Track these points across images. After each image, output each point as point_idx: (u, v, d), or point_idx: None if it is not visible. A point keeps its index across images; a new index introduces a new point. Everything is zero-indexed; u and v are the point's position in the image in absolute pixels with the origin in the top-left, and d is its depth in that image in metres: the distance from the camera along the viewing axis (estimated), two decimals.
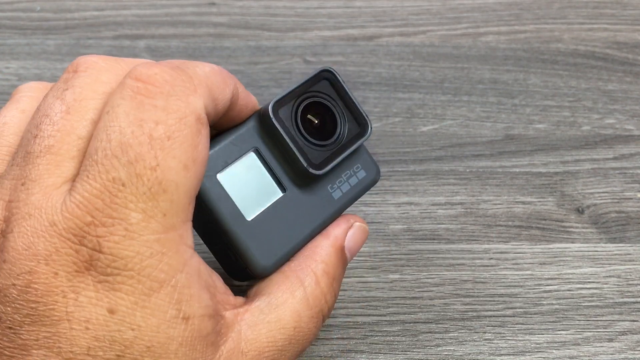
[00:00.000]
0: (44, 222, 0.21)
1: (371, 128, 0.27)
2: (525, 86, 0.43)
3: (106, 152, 0.21)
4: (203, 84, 0.22)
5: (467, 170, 0.38)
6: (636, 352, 0.31)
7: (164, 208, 0.21)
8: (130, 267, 0.20)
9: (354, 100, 0.27)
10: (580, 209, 0.36)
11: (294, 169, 0.26)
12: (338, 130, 0.27)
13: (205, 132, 0.22)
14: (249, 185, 0.25)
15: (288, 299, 0.25)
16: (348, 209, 0.28)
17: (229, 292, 0.24)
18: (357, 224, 0.27)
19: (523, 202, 0.37)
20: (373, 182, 0.28)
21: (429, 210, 0.36)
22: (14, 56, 0.43)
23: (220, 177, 0.25)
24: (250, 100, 0.26)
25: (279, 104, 0.25)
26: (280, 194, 0.26)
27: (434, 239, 0.35)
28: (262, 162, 0.26)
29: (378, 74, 0.43)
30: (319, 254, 0.26)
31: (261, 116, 0.25)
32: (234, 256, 0.25)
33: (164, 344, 0.21)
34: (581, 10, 0.48)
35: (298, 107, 0.26)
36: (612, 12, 0.48)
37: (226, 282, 0.24)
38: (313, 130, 0.26)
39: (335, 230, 0.27)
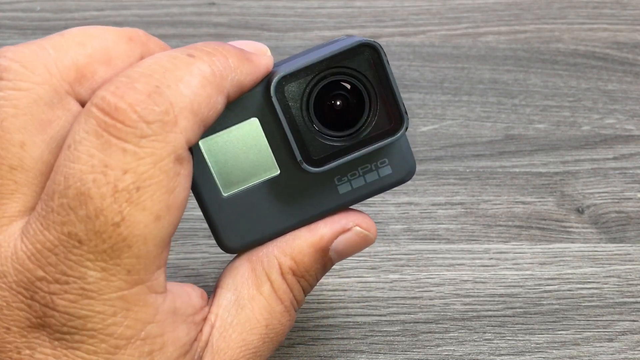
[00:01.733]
0: None
1: (406, 128, 0.22)
2: (525, 86, 0.43)
3: (62, 201, 0.18)
4: (186, 110, 0.19)
5: (467, 170, 0.38)
6: (636, 352, 0.31)
7: (128, 264, 0.18)
8: (90, 327, 0.18)
9: (395, 90, 0.21)
10: (580, 209, 0.36)
11: (293, 153, 0.22)
12: (363, 121, 0.22)
13: (185, 172, 0.19)
14: (238, 158, 0.22)
15: (255, 296, 0.22)
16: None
17: (202, 300, 0.22)
18: (358, 229, 0.23)
19: (523, 202, 0.37)
20: (399, 183, 0.23)
21: (429, 210, 0.36)
22: None
23: (202, 143, 0.22)
24: (258, 72, 0.22)
25: (289, 77, 0.21)
26: (270, 175, 0.22)
27: (433, 239, 0.35)
28: (258, 136, 0.22)
29: None
30: (292, 249, 0.23)
31: (266, 85, 0.22)
32: (209, 224, 0.23)
33: None
34: (581, 10, 0.48)
35: (317, 84, 0.21)
36: (612, 12, 0.48)
37: None
38: (330, 114, 0.22)
39: (324, 229, 0.23)
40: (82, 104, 0.20)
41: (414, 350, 0.31)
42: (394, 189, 0.26)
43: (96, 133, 0.18)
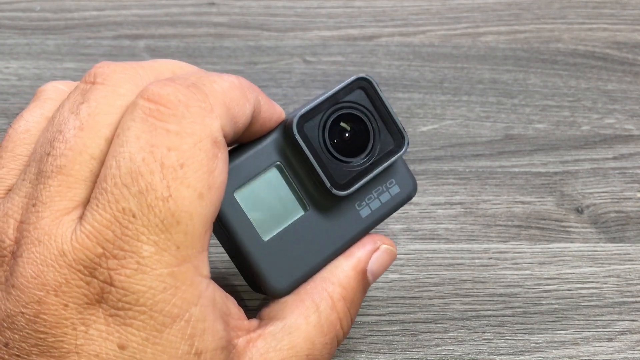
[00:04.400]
0: (54, 250, 0.20)
1: (407, 144, 0.25)
2: (525, 86, 0.43)
3: (116, 181, 0.20)
4: (220, 102, 0.21)
5: (467, 170, 0.38)
6: (635, 352, 0.31)
7: (177, 240, 0.20)
8: (142, 302, 0.20)
9: (391, 113, 0.24)
10: (579, 208, 0.36)
11: (317, 187, 0.24)
12: (370, 145, 0.24)
13: (222, 156, 0.21)
14: (269, 203, 0.24)
15: (302, 325, 0.23)
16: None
17: (243, 315, 0.23)
18: (384, 246, 0.25)
19: (522, 202, 0.37)
20: (407, 199, 0.26)
21: (428, 210, 0.36)
22: (13, 56, 0.43)
23: (237, 194, 0.24)
24: (274, 112, 0.24)
25: (305, 117, 0.23)
26: (301, 213, 0.24)
27: (433, 239, 0.35)
28: (284, 179, 0.24)
29: (378, 74, 0.43)
30: (338, 277, 0.24)
31: (285, 129, 0.24)
32: (252, 274, 0.24)
33: None
34: (581, 10, 0.48)
35: (327, 119, 0.24)
36: (612, 12, 0.48)
37: (240, 302, 0.24)
38: (343, 144, 0.24)
39: (359, 252, 0.25)
40: None
41: (414, 350, 0.31)
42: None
43: (142, 119, 0.20)
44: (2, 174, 0.23)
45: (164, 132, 0.20)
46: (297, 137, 0.23)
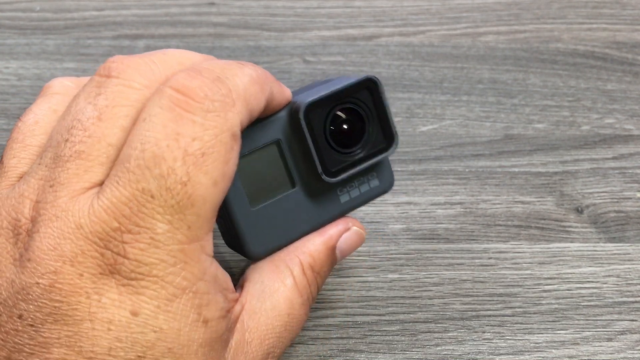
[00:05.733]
0: (71, 224, 0.21)
1: (396, 145, 0.27)
2: (525, 86, 0.43)
3: (139, 162, 0.21)
4: (241, 98, 0.23)
5: (467, 170, 0.38)
6: (635, 352, 0.31)
7: (189, 221, 0.21)
8: (154, 273, 0.21)
9: (389, 115, 0.26)
10: (579, 208, 0.36)
11: (308, 169, 0.26)
12: (364, 140, 0.26)
13: (236, 148, 0.22)
14: (262, 175, 0.26)
15: (280, 287, 0.26)
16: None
17: (234, 289, 0.25)
18: (355, 228, 0.28)
19: (522, 202, 0.37)
20: (383, 192, 0.28)
21: (428, 210, 0.36)
22: (13, 56, 0.43)
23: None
24: (283, 97, 0.26)
25: (313, 105, 0.25)
26: (289, 190, 0.26)
27: (433, 239, 0.35)
28: (280, 156, 0.26)
29: (377, 73, 0.43)
30: (309, 248, 0.27)
31: (292, 111, 0.25)
32: (233, 234, 0.26)
33: (185, 346, 0.21)
34: (580, 10, 0.48)
35: (331, 111, 0.26)
36: (612, 12, 0.48)
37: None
38: (340, 135, 0.26)
39: (331, 230, 0.27)
40: None
41: (413, 349, 0.31)
42: (393, 189, 0.30)
43: (169, 107, 0.21)
44: (14, 163, 0.24)
45: (189, 122, 0.21)
46: (303, 122, 0.25)
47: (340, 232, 0.27)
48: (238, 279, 0.27)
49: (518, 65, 0.44)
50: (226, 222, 0.26)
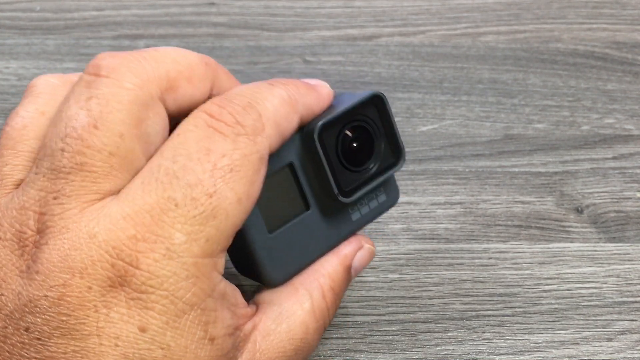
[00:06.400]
0: (83, 234, 0.21)
1: (404, 160, 0.27)
2: (525, 86, 0.43)
3: (168, 172, 0.21)
4: (271, 121, 0.23)
5: (467, 170, 0.38)
6: (635, 352, 0.31)
7: (209, 233, 0.21)
8: (165, 287, 0.21)
9: (396, 130, 0.26)
10: (579, 208, 0.36)
11: (322, 190, 0.26)
12: (373, 157, 0.26)
13: (263, 171, 0.23)
14: (277, 199, 0.25)
15: (297, 311, 0.25)
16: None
17: (245, 304, 0.24)
18: (367, 246, 0.28)
19: (522, 202, 0.37)
20: (390, 207, 0.28)
21: (428, 210, 0.36)
22: (13, 56, 0.43)
23: None
24: (324, 102, 0.26)
25: (326, 126, 0.25)
26: (304, 212, 0.26)
27: (433, 239, 0.35)
28: (294, 179, 0.26)
29: (377, 73, 0.43)
30: (327, 270, 0.27)
31: (305, 133, 0.25)
32: (249, 262, 0.25)
33: None
34: (580, 10, 0.48)
35: (342, 130, 0.25)
36: (612, 12, 0.48)
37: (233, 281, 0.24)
38: (351, 154, 0.26)
39: (346, 249, 0.27)
40: (168, 111, 0.23)
41: (413, 349, 0.31)
42: None
43: (204, 127, 0.22)
44: (7, 170, 0.23)
45: (221, 140, 0.22)
46: (317, 144, 0.25)
47: (354, 251, 0.27)
48: (248, 292, 0.26)
49: (518, 65, 0.44)
50: (242, 250, 0.25)
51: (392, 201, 0.28)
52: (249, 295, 0.26)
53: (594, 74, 0.44)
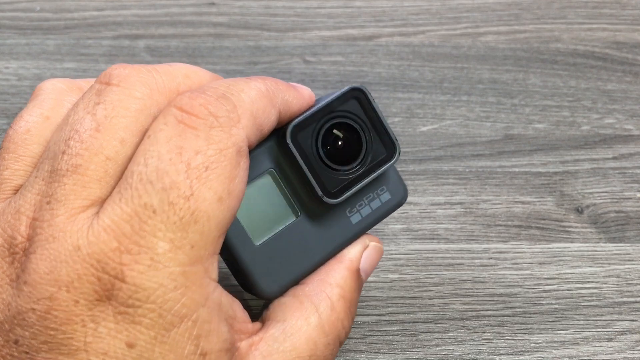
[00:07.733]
0: (68, 246, 0.20)
1: (399, 153, 0.25)
2: (525, 86, 0.43)
3: (141, 177, 0.20)
4: (247, 113, 0.22)
5: (467, 170, 0.38)
6: (635, 352, 0.31)
7: (192, 239, 0.20)
8: (152, 299, 0.20)
9: (384, 122, 0.25)
10: (579, 208, 0.36)
11: (310, 194, 0.25)
12: (362, 154, 0.25)
13: (244, 165, 0.22)
14: (261, 209, 0.24)
15: (302, 326, 0.24)
16: None
17: (248, 319, 0.23)
18: (372, 244, 0.26)
19: (522, 202, 0.37)
20: (398, 206, 0.27)
21: (428, 210, 0.36)
22: (13, 56, 0.43)
23: None
24: (303, 101, 0.25)
25: (299, 126, 0.24)
26: (292, 219, 0.25)
27: (433, 239, 0.35)
28: (276, 185, 0.25)
29: (377, 73, 0.43)
30: (334, 278, 0.25)
31: (281, 135, 0.24)
32: (241, 274, 0.25)
33: None
34: (581, 10, 0.48)
35: (321, 128, 0.24)
36: (612, 12, 0.48)
37: (244, 304, 0.24)
38: (335, 152, 0.25)
39: (350, 253, 0.26)
40: None
41: (413, 349, 0.31)
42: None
43: (173, 124, 0.21)
44: (7, 175, 0.23)
45: (193, 137, 0.21)
46: (291, 145, 0.24)
47: (360, 252, 0.26)
48: (253, 309, 0.26)
49: (518, 65, 0.44)
50: (232, 264, 0.25)
51: (397, 200, 0.27)
52: (259, 315, 0.25)
53: (594, 74, 0.44)
